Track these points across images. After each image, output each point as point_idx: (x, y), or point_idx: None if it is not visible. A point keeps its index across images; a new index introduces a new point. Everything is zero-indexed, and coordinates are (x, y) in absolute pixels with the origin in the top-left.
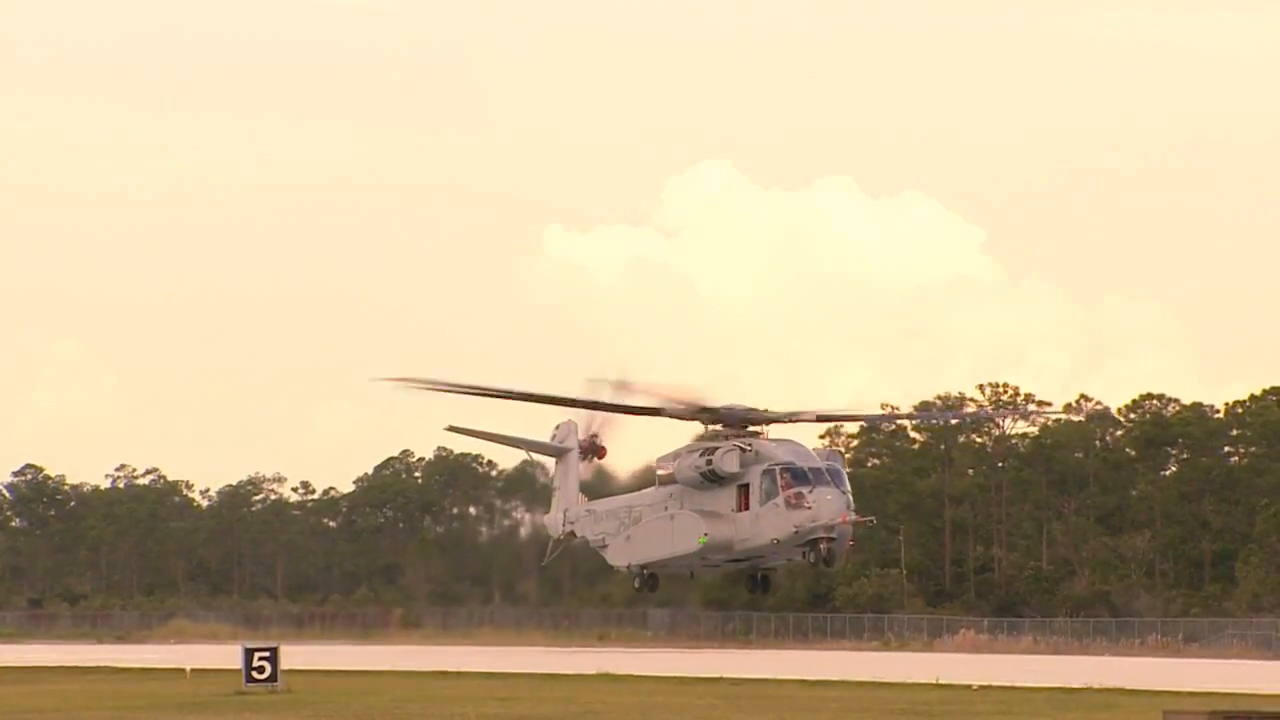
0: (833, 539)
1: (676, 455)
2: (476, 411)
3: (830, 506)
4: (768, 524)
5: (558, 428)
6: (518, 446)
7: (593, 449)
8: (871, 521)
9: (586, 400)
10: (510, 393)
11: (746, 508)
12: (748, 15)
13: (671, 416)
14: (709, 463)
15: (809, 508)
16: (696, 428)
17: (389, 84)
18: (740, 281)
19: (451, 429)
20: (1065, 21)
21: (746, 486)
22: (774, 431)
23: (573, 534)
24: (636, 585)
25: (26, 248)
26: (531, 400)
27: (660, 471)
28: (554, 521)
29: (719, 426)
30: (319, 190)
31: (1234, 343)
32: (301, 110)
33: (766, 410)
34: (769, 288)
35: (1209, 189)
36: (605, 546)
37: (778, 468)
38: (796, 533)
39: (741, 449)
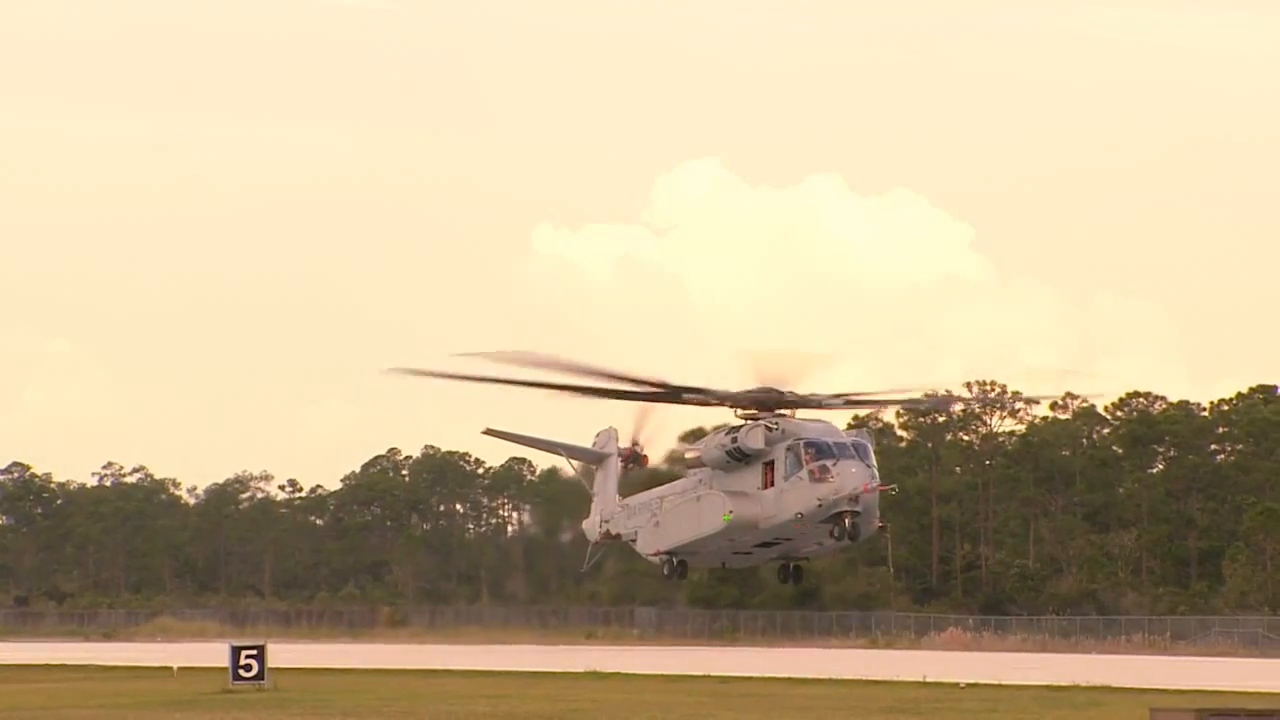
0: (857, 513)
1: (704, 439)
2: (476, 406)
3: (854, 478)
4: (791, 499)
5: (599, 434)
6: (557, 452)
7: (635, 457)
8: (894, 490)
9: (625, 378)
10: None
11: (772, 485)
12: (737, 15)
13: (695, 403)
14: (734, 440)
15: (832, 480)
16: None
17: (380, 84)
18: (729, 279)
19: (489, 432)
20: (1056, 21)
21: (771, 463)
22: (801, 415)
23: (609, 534)
24: (665, 573)
25: (19, 246)
26: (567, 385)
27: (688, 455)
28: (591, 526)
29: (748, 410)
30: (307, 190)
31: (1224, 341)
32: (293, 110)
33: (792, 393)
34: (758, 285)
35: (1199, 188)
36: (635, 539)
37: (802, 442)
38: (820, 506)
39: (768, 427)
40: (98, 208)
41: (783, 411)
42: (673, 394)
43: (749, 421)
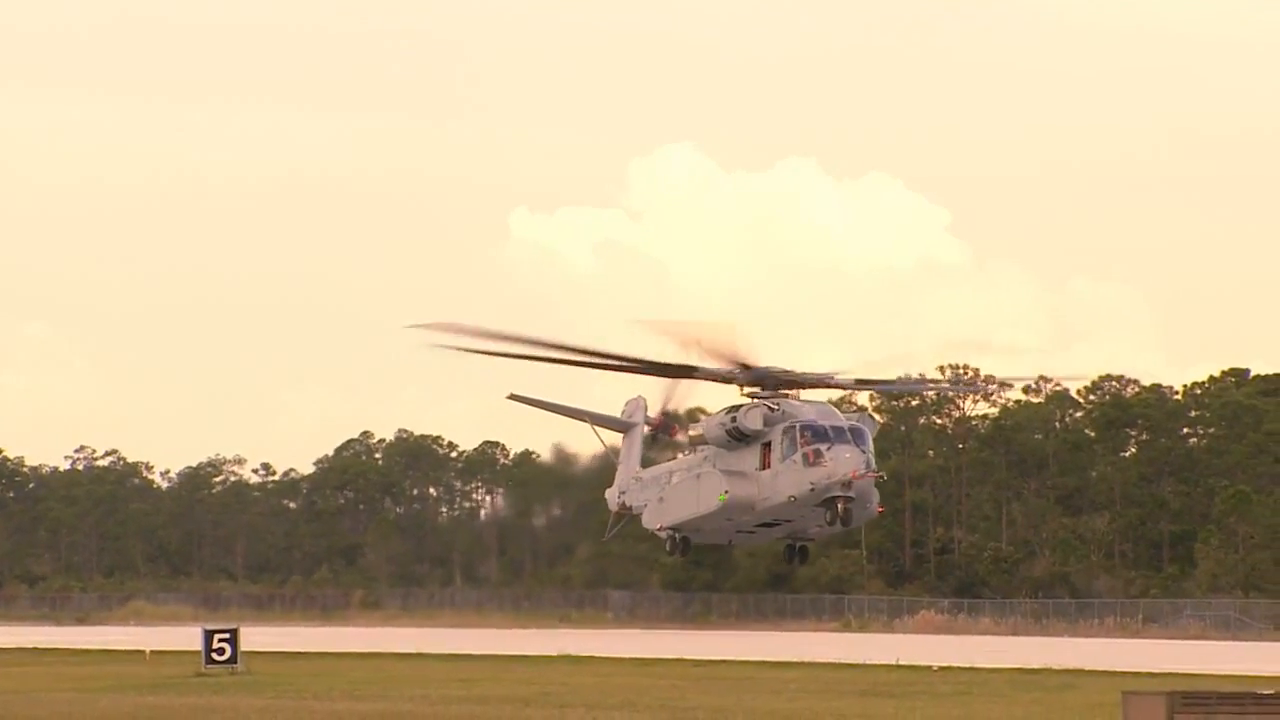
0: (850, 498)
1: (707, 417)
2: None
3: (846, 464)
4: (785, 481)
5: (628, 403)
6: (582, 419)
7: (663, 427)
8: (882, 476)
9: (633, 359)
10: (559, 346)
11: (769, 466)
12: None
13: (706, 378)
14: (733, 420)
15: (825, 465)
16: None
17: (355, 71)
18: (706, 263)
19: (514, 397)
20: (1033, 6)
21: (769, 444)
22: (808, 395)
23: (625, 505)
24: (668, 549)
25: None
26: (579, 360)
27: (692, 433)
28: (612, 495)
29: (755, 388)
30: (282, 177)
31: (1197, 325)
32: (269, 97)
33: (805, 373)
34: (735, 269)
35: (1175, 174)
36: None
37: (798, 425)
38: (813, 490)
39: (769, 408)
40: (75, 194)
41: (788, 391)
42: (685, 369)
43: (750, 401)
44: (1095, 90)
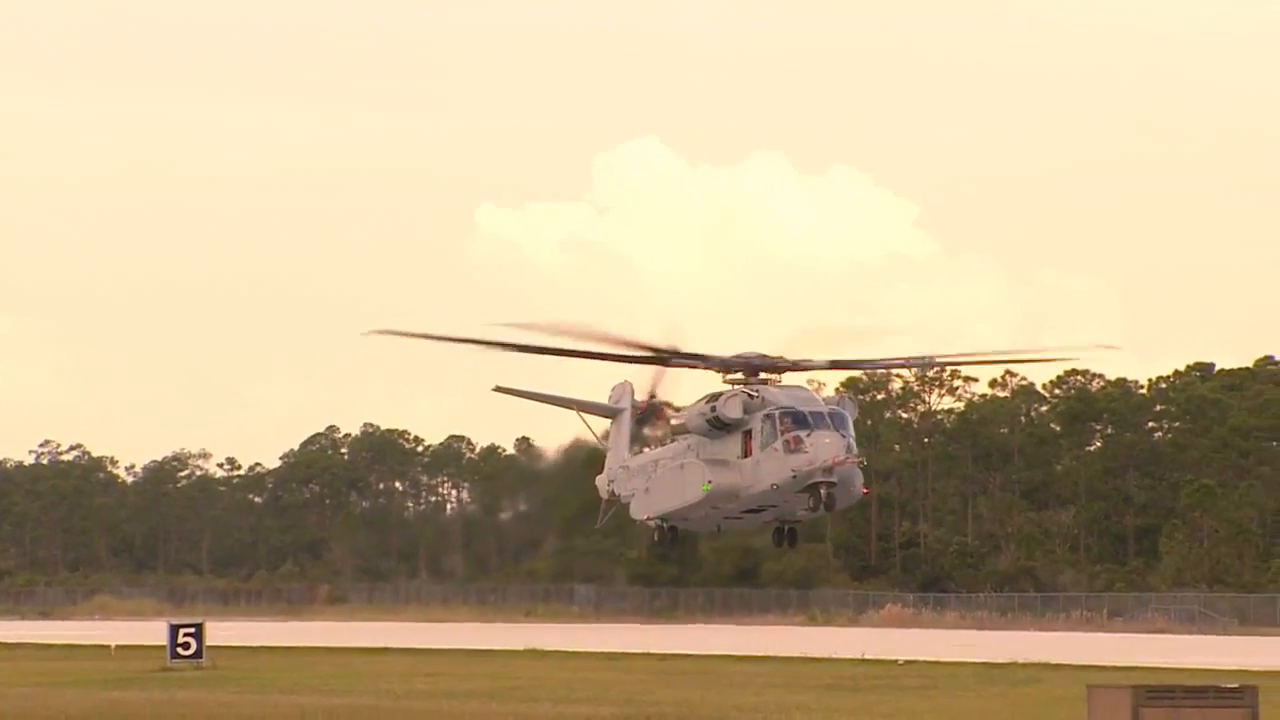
0: (832, 483)
1: (687, 407)
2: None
3: (826, 449)
4: (767, 469)
5: (614, 388)
6: (569, 407)
7: (651, 410)
8: (862, 462)
9: (602, 352)
10: (536, 347)
11: (750, 454)
12: None
13: (680, 365)
14: (713, 409)
15: (806, 452)
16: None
17: (320, 65)
18: (673, 258)
19: (499, 389)
20: (1000, 1)
21: (750, 432)
22: (787, 379)
23: (613, 493)
24: (656, 538)
25: None
26: (558, 354)
27: (673, 422)
28: (602, 483)
29: (735, 375)
30: (247, 170)
31: (1162, 319)
32: (235, 93)
33: (780, 357)
34: (703, 264)
35: (1143, 168)
36: (630, 502)
37: (778, 412)
38: (794, 477)
39: (748, 395)
40: (38, 186)
41: (770, 376)
42: (661, 358)
43: (731, 388)
44: (1063, 85)
